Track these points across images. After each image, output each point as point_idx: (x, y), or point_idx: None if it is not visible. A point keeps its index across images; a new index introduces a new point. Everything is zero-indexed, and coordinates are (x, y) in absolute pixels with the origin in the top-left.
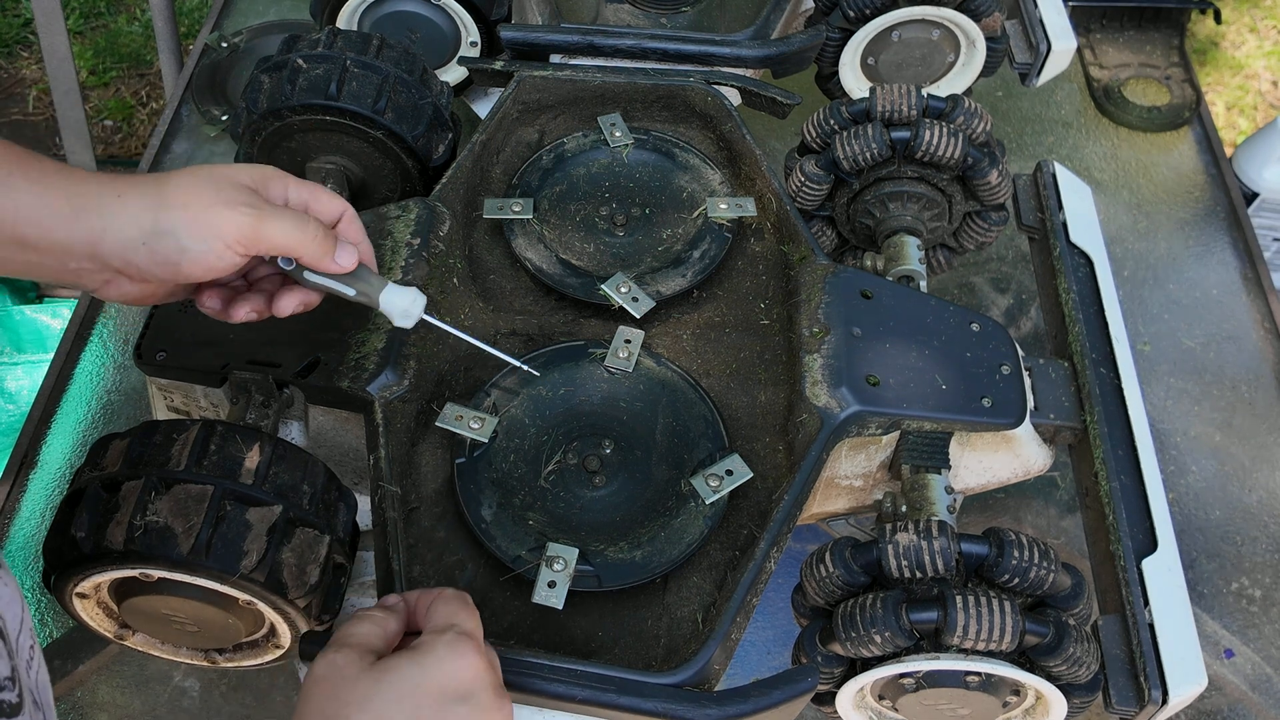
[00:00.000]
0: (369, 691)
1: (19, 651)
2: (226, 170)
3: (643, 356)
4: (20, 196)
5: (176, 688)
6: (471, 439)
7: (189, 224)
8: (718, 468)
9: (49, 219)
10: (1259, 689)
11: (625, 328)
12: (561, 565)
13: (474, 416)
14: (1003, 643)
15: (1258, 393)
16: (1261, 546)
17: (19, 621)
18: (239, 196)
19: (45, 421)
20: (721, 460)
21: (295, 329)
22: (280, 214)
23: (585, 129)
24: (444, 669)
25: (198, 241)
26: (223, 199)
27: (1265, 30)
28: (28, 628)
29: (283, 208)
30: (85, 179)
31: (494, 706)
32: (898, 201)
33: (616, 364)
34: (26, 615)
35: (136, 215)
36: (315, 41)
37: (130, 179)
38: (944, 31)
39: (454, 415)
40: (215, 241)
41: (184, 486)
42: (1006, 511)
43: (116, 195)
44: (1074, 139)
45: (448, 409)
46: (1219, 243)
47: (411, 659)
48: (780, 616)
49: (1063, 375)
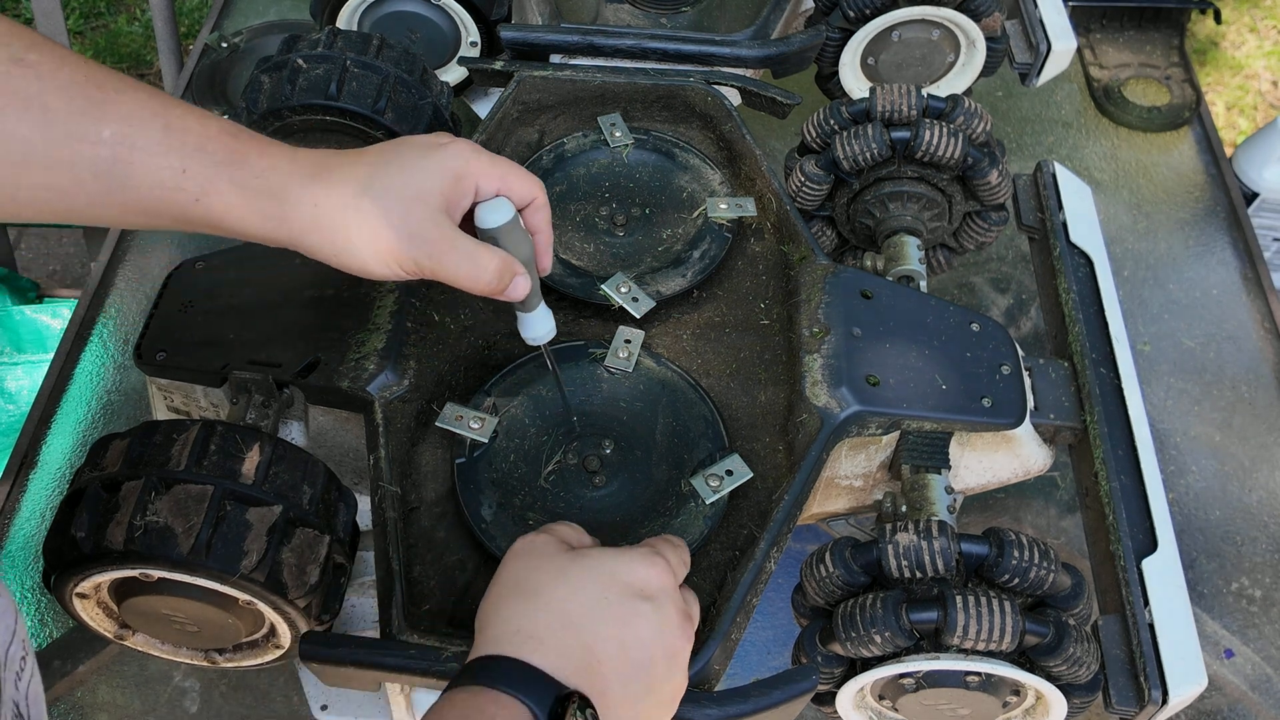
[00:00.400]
0: (565, 566)
1: (8, 664)
2: (419, 181)
3: (643, 356)
4: (229, 198)
5: (177, 688)
6: (472, 439)
7: (370, 255)
8: (718, 468)
9: (251, 223)
10: (1259, 689)
11: (625, 328)
12: None
13: (474, 416)
14: (1003, 643)
15: (1258, 393)
16: (1261, 546)
17: (10, 633)
18: (422, 228)
19: (45, 421)
20: (722, 460)
21: (295, 328)
22: (455, 253)
23: (585, 129)
24: (635, 568)
25: (378, 266)
26: (406, 231)
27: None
28: (20, 638)
29: (461, 241)
30: (288, 183)
31: (679, 629)
32: (898, 201)
33: (616, 364)
34: (20, 625)
35: (328, 236)
36: (315, 41)
37: (329, 183)
38: (944, 31)
39: (454, 415)
40: (394, 268)
41: (184, 486)
42: (1006, 511)
43: (313, 205)
44: (1074, 139)
45: (448, 409)
46: (1219, 243)
47: (608, 552)
48: (780, 616)
49: (1063, 375)
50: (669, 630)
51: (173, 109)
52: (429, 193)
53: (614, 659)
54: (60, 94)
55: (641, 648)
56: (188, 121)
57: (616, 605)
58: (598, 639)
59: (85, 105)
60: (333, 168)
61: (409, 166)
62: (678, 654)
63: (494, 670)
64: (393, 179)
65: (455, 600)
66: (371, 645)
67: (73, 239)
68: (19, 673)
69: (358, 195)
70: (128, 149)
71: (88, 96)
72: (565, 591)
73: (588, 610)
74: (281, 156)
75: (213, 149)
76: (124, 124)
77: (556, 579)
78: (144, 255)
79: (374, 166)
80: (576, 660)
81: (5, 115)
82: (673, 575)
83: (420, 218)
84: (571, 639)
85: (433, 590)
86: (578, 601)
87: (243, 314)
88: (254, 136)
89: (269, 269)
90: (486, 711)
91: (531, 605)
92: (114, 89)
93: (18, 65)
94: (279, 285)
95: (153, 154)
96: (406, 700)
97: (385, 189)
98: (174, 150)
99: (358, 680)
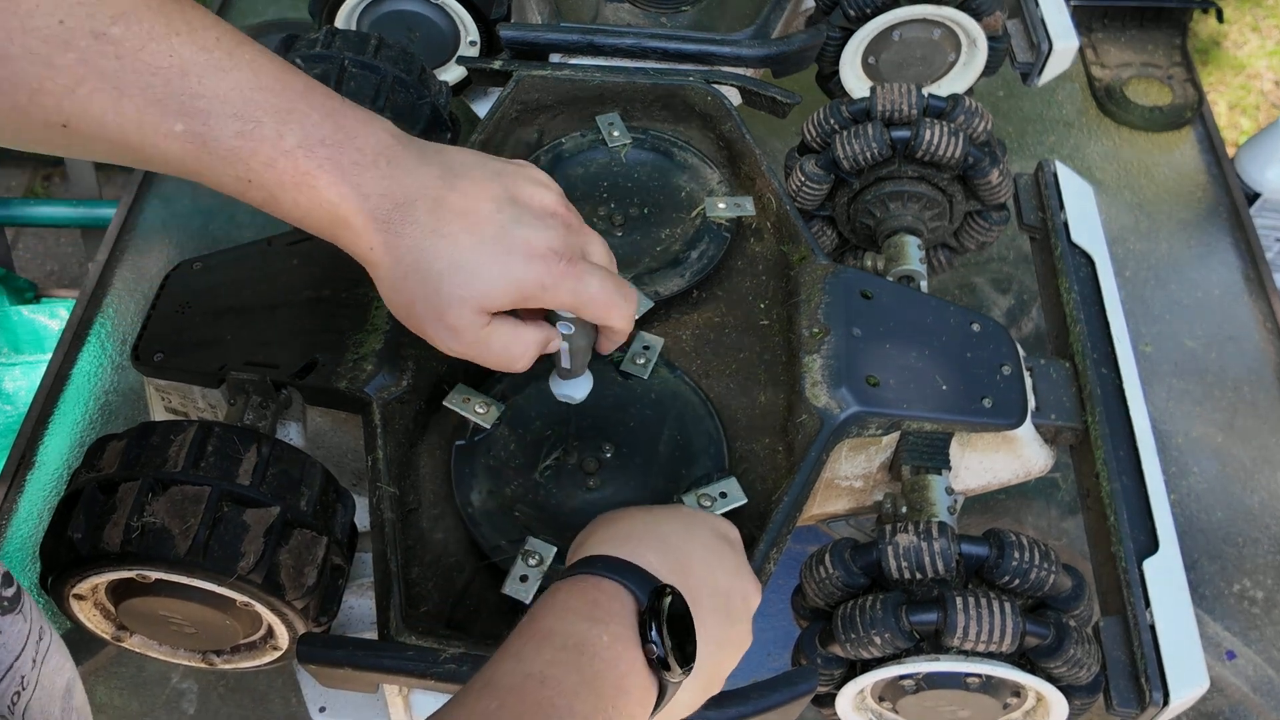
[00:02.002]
0: (650, 511)
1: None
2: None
3: (658, 365)
4: (293, 214)
5: (174, 689)
6: (475, 423)
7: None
8: (713, 488)
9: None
10: (1261, 691)
11: (644, 333)
12: (536, 561)
13: (481, 401)
14: (1003, 644)
15: (1260, 394)
16: (1263, 548)
17: (15, 655)
18: (463, 328)
19: (43, 422)
20: (718, 481)
21: (293, 329)
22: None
23: (584, 129)
24: (717, 520)
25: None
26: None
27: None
28: (29, 655)
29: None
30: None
31: (750, 577)
32: (898, 201)
33: (633, 369)
34: (31, 641)
35: (374, 277)
36: (313, 41)
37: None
38: (945, 31)
39: (461, 398)
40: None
41: (181, 488)
42: (1007, 513)
43: (369, 249)
44: (1075, 139)
45: (458, 389)
46: (1221, 243)
47: (689, 508)
48: (780, 618)
49: (1064, 376)
50: (746, 577)
51: (255, 106)
52: (481, 299)
53: (703, 576)
54: (137, 78)
55: (727, 576)
56: (264, 130)
57: (703, 537)
58: (690, 558)
59: (163, 94)
60: (405, 216)
61: (479, 265)
62: (750, 601)
63: (596, 563)
64: (455, 270)
65: (453, 602)
66: (369, 647)
67: (71, 239)
68: (19, 693)
69: (409, 270)
70: (196, 148)
71: (167, 84)
72: (655, 522)
73: (680, 536)
74: (353, 188)
75: (282, 167)
76: (197, 121)
77: (645, 517)
78: (142, 255)
79: (446, 241)
80: (671, 565)
81: (79, 90)
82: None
83: (455, 320)
84: (667, 552)
85: (431, 592)
86: (669, 529)
87: (240, 315)
88: (336, 148)
89: (267, 270)
90: (589, 595)
91: (625, 531)
92: (200, 75)
93: (99, 40)
94: (277, 286)
95: (219, 159)
96: (404, 702)
97: (440, 276)
98: (240, 161)
99: (356, 682)
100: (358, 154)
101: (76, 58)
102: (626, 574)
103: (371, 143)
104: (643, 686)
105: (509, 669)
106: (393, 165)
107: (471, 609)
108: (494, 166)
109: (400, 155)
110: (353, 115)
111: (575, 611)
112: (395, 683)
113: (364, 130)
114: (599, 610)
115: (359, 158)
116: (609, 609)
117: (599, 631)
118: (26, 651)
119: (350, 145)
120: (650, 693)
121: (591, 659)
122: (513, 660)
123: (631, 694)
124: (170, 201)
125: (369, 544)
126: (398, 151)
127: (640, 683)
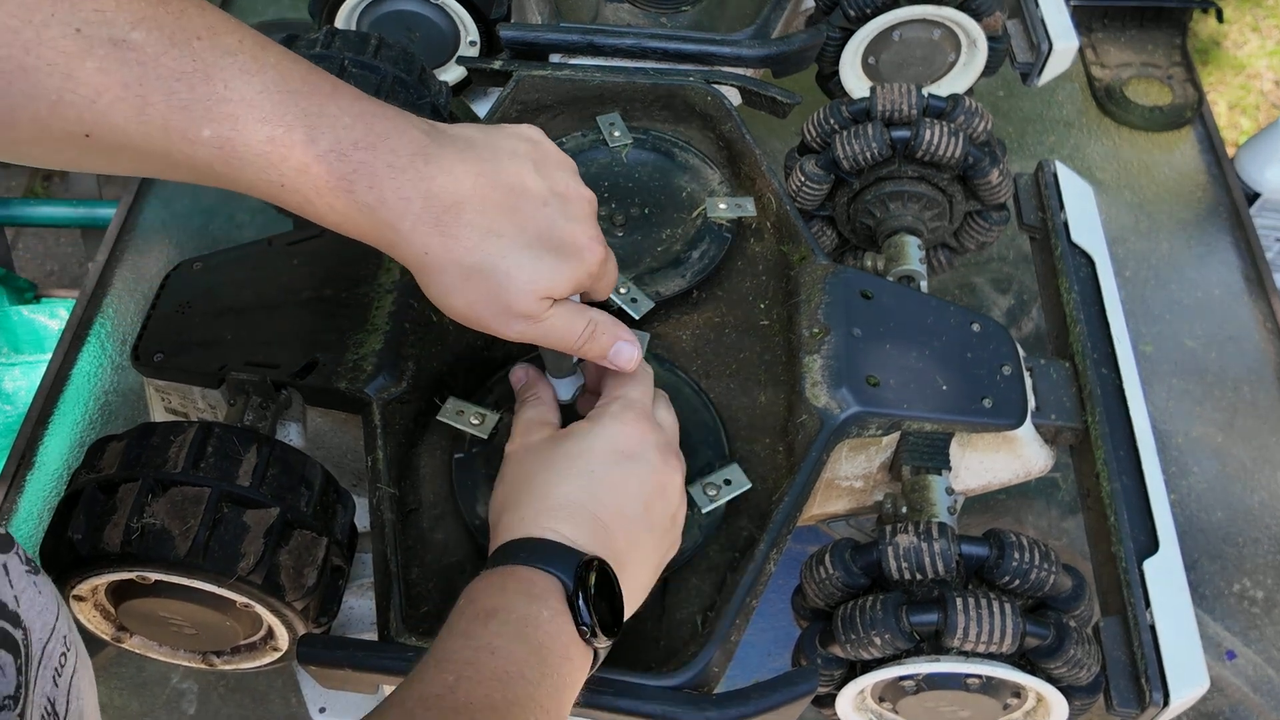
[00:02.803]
0: (550, 456)
1: (45, 660)
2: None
3: (649, 360)
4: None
5: (174, 690)
6: (472, 435)
7: (461, 316)
8: (716, 477)
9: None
10: (1261, 690)
11: (632, 330)
12: None
13: (475, 412)
14: (1003, 645)
15: (1260, 393)
16: (1264, 548)
17: (49, 630)
18: (521, 309)
19: (42, 422)
20: (720, 469)
21: (293, 330)
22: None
23: (585, 129)
24: (609, 433)
25: (464, 322)
26: (506, 313)
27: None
28: (61, 634)
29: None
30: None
31: (661, 464)
32: (898, 201)
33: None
34: (63, 620)
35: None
36: (313, 41)
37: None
38: (945, 31)
39: (455, 410)
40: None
41: (181, 488)
42: (1007, 513)
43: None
44: (1075, 139)
45: (450, 403)
46: (1221, 243)
47: (584, 428)
48: (780, 618)
49: (1064, 376)
50: (655, 472)
51: (285, 110)
52: (547, 292)
53: (616, 519)
54: (160, 85)
55: (637, 500)
56: (295, 134)
57: (604, 474)
58: (600, 507)
59: (188, 99)
60: (456, 219)
61: (539, 263)
62: (667, 486)
63: (517, 550)
64: (520, 268)
65: (453, 602)
66: (369, 647)
67: (70, 239)
68: (58, 669)
69: (471, 271)
70: (225, 154)
71: (192, 89)
72: (556, 478)
73: (582, 487)
74: (393, 192)
75: (316, 172)
76: (225, 126)
77: (547, 469)
78: (142, 255)
79: (505, 241)
80: (588, 531)
81: (100, 100)
82: (642, 419)
83: (523, 309)
84: (577, 514)
85: (431, 592)
86: (572, 484)
87: (241, 315)
88: (370, 151)
89: (267, 270)
90: (522, 576)
91: (532, 497)
92: (225, 80)
93: (118, 48)
94: (277, 286)
95: (249, 164)
96: None
97: (507, 275)
98: (273, 166)
99: (356, 682)
100: (392, 155)
101: (96, 66)
102: (548, 559)
103: (405, 143)
104: (581, 654)
105: (459, 645)
106: (430, 164)
107: None
108: (523, 150)
109: (436, 153)
110: (383, 115)
111: (514, 591)
112: (395, 683)
113: (396, 131)
114: (535, 589)
115: (394, 159)
116: (544, 587)
117: (538, 608)
118: (64, 614)
119: (384, 147)
120: (587, 658)
121: (535, 630)
122: (461, 638)
123: (573, 660)
124: (170, 201)
125: (369, 545)
126: (433, 151)
127: (579, 651)
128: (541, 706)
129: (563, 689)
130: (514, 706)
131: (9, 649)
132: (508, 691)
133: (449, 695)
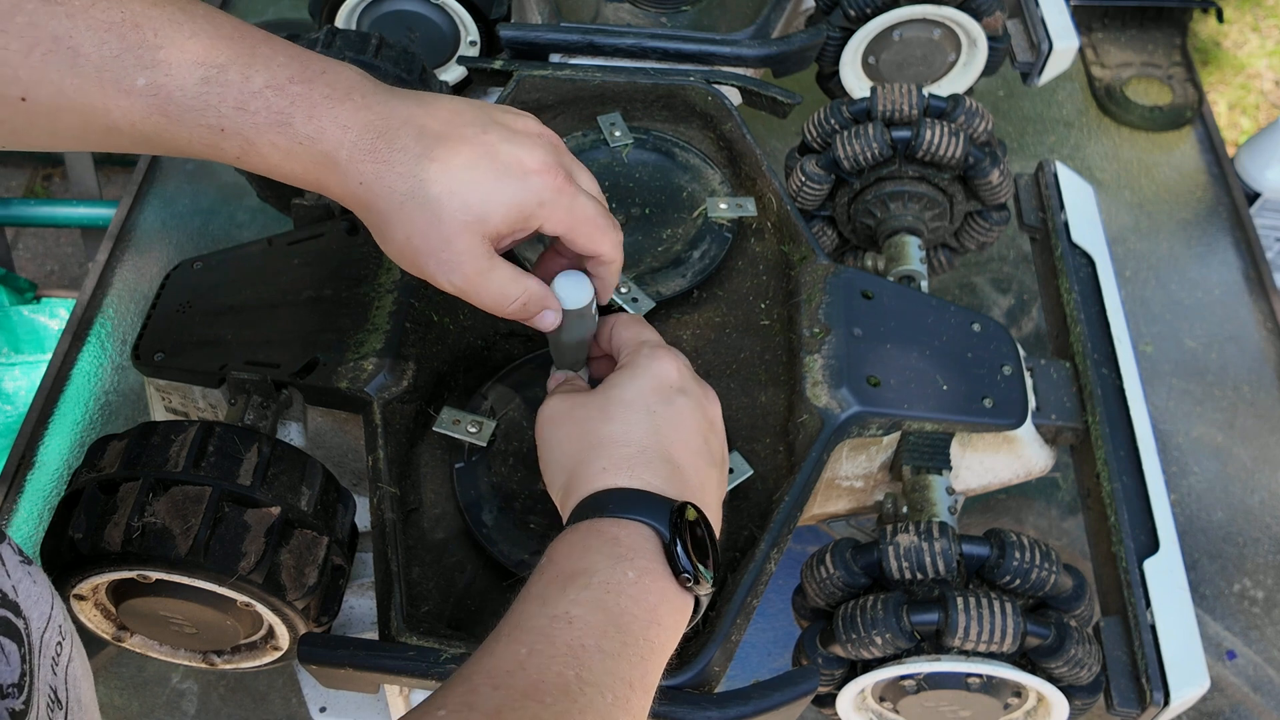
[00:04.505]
0: (603, 406)
1: (43, 649)
2: (479, 207)
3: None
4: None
5: (175, 690)
6: (470, 443)
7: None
8: None
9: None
10: (1261, 690)
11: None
12: None
13: (471, 420)
14: (1004, 644)
15: (1260, 393)
16: (1264, 548)
17: (46, 619)
18: (459, 258)
19: (43, 422)
20: None
21: (294, 329)
22: (486, 284)
23: (585, 129)
24: (652, 371)
25: (403, 265)
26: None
27: (1268, 30)
28: (56, 623)
29: (495, 274)
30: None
31: (704, 396)
32: (899, 201)
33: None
34: (57, 610)
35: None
36: (313, 40)
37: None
38: (945, 31)
39: (451, 420)
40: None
41: (182, 488)
42: (1008, 513)
43: (359, 184)
44: (1075, 138)
45: (445, 413)
46: (1221, 243)
47: (625, 374)
48: (781, 618)
49: (1064, 376)
50: (702, 403)
51: (218, 53)
52: (483, 223)
53: (685, 456)
54: (90, 34)
55: (697, 434)
56: (229, 74)
57: (663, 411)
58: (671, 447)
59: (119, 49)
60: (390, 145)
61: (476, 185)
62: (715, 418)
63: (605, 502)
64: (452, 194)
65: (454, 602)
66: (370, 647)
67: (70, 239)
68: (55, 657)
69: (405, 198)
70: (161, 101)
71: (122, 38)
72: (619, 425)
73: (648, 430)
74: (331, 121)
75: (254, 108)
76: (159, 72)
77: (605, 419)
78: (142, 255)
79: (437, 164)
80: (665, 474)
81: (33, 54)
82: (674, 355)
83: (461, 248)
84: (653, 458)
85: (431, 592)
86: (637, 428)
87: (241, 314)
88: (306, 84)
89: (267, 270)
90: (607, 533)
91: (601, 448)
92: (155, 29)
93: (46, 3)
94: (277, 286)
95: (187, 110)
96: (405, 702)
97: (438, 201)
98: (210, 108)
99: (356, 682)
100: (329, 89)
101: (26, 21)
102: (640, 508)
103: (342, 78)
104: (676, 610)
105: (534, 611)
106: (366, 97)
107: (472, 609)
108: (466, 99)
109: (372, 90)
110: (318, 57)
111: (596, 551)
112: (396, 683)
113: (332, 68)
114: (620, 547)
115: (330, 92)
116: (630, 545)
117: (624, 568)
118: (58, 604)
119: (320, 81)
120: (684, 613)
121: (618, 596)
122: (537, 603)
123: (662, 622)
124: (170, 201)
125: (370, 544)
126: (368, 87)
127: (673, 608)
128: (622, 680)
129: (649, 655)
130: (588, 686)
131: (12, 637)
132: (582, 669)
133: (519, 673)
